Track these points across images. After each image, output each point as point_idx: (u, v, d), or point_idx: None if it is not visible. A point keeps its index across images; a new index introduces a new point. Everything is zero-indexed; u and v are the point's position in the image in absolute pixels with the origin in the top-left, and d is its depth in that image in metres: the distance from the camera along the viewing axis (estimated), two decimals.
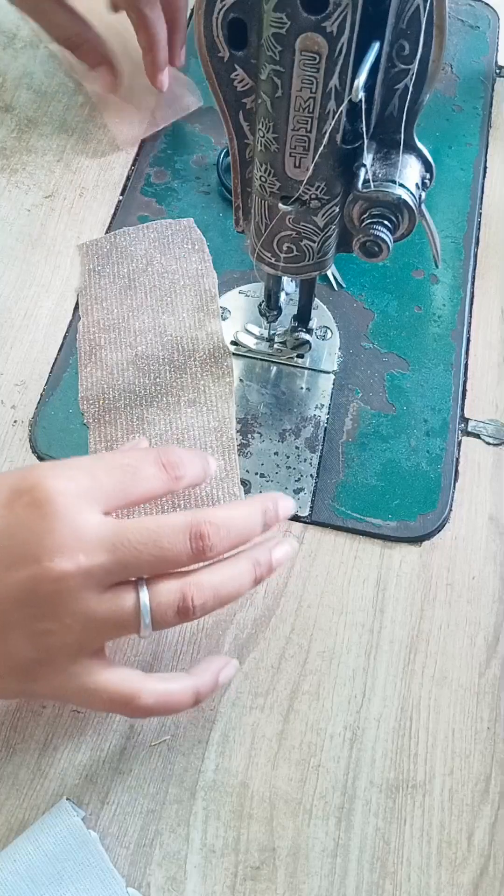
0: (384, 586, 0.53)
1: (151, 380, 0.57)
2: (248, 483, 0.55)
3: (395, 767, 0.48)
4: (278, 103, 0.41)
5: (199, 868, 0.45)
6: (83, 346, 0.59)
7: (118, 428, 0.56)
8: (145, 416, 0.56)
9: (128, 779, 0.47)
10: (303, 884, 0.44)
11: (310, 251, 0.48)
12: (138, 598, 0.41)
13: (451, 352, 0.61)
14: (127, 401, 0.56)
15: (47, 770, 0.46)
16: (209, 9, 0.40)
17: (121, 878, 0.43)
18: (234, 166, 0.47)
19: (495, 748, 0.48)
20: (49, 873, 0.42)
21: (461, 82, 0.76)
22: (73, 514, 0.39)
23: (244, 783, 0.47)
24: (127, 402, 0.56)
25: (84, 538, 0.39)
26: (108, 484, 0.41)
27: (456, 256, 0.66)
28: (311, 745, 0.48)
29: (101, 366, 0.58)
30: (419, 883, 0.45)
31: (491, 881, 0.45)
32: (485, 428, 0.58)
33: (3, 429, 0.56)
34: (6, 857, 0.43)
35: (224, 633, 0.51)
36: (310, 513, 0.54)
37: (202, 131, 0.71)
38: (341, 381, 0.59)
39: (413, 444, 0.57)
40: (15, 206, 0.65)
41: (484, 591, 0.53)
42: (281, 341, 0.59)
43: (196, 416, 0.56)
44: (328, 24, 0.38)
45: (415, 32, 0.39)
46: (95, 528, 0.39)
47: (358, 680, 0.50)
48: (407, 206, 0.43)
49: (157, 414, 0.56)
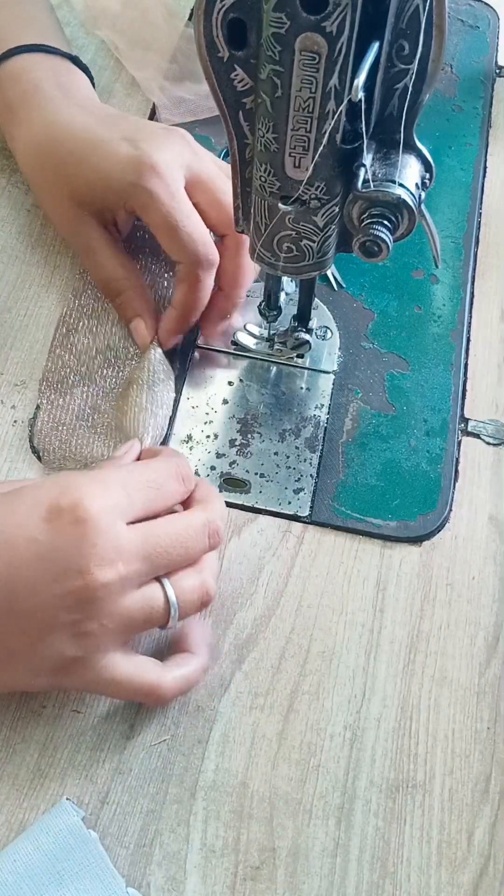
0: (384, 586, 0.53)
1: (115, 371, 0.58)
2: (247, 483, 0.55)
3: (395, 767, 0.48)
4: (278, 103, 0.41)
5: (199, 868, 0.45)
6: (60, 330, 0.59)
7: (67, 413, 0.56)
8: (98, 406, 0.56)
9: (128, 779, 0.47)
10: (303, 884, 0.44)
11: (310, 251, 0.48)
12: (166, 594, 0.45)
13: (451, 352, 0.61)
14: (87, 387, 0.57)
15: (47, 770, 0.46)
16: (209, 9, 0.40)
17: (121, 878, 0.43)
18: (233, 166, 0.47)
19: (495, 748, 0.48)
20: (49, 873, 0.42)
21: (461, 82, 0.76)
22: (111, 528, 0.42)
23: (244, 783, 0.47)
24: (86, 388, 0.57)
25: (122, 549, 0.42)
26: (139, 501, 0.44)
27: (456, 256, 0.66)
28: (311, 745, 0.48)
29: (71, 350, 0.58)
30: (419, 883, 0.45)
31: (491, 881, 0.45)
32: (485, 428, 0.58)
33: (3, 429, 0.56)
34: (6, 857, 0.43)
35: (224, 633, 0.51)
36: (310, 513, 0.54)
37: (202, 131, 0.70)
38: (341, 381, 0.59)
39: (413, 444, 0.57)
40: (15, 206, 0.65)
41: (484, 591, 0.53)
42: (281, 341, 0.59)
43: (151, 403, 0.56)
44: (328, 24, 0.37)
45: (414, 32, 0.39)
46: (131, 539, 0.43)
47: (358, 680, 0.50)
48: (407, 206, 0.43)
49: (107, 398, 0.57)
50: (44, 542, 0.42)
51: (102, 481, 0.44)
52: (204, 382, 0.59)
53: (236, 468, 0.56)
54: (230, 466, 0.56)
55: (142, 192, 0.54)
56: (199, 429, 0.57)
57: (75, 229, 0.59)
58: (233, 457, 0.56)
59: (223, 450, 0.56)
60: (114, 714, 0.48)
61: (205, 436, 0.57)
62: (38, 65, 0.61)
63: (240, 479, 0.55)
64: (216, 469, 0.56)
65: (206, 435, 0.57)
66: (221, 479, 0.55)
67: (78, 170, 0.57)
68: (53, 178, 0.58)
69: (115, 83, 0.72)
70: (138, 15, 0.74)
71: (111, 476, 0.45)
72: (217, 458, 0.56)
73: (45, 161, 0.59)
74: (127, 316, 0.59)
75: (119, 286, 0.59)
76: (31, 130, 0.59)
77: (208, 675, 0.49)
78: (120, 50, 0.73)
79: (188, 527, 0.46)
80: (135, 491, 0.44)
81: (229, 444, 0.57)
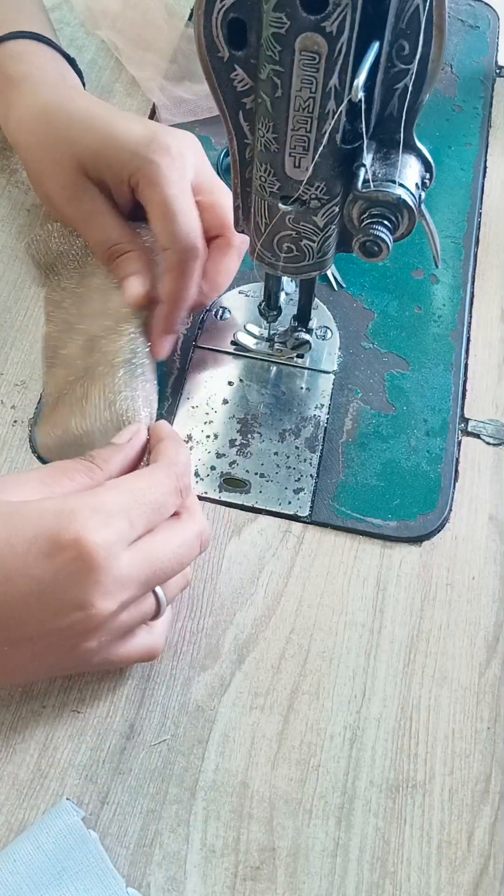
0: (384, 586, 0.53)
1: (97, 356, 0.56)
2: (247, 483, 0.55)
3: (395, 767, 0.48)
4: (278, 103, 0.41)
5: (199, 868, 0.45)
6: (46, 353, 0.58)
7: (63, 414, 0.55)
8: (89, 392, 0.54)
9: (128, 779, 0.47)
10: (303, 884, 0.44)
11: (310, 251, 0.48)
12: (157, 597, 0.46)
13: (451, 352, 0.61)
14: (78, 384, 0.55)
15: (47, 770, 0.46)
16: (209, 9, 0.40)
17: (121, 878, 0.43)
18: (233, 166, 0.47)
19: (495, 748, 0.48)
20: (49, 873, 0.42)
21: (461, 82, 0.76)
22: (113, 562, 0.42)
23: (244, 783, 0.47)
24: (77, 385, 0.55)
25: (124, 580, 0.42)
26: (140, 524, 0.44)
27: (456, 256, 0.66)
28: (311, 745, 0.48)
29: (59, 364, 0.57)
30: (419, 883, 0.45)
31: (491, 881, 0.45)
32: (485, 428, 0.58)
33: (3, 429, 0.56)
34: (6, 857, 0.43)
35: (224, 633, 0.51)
36: (310, 513, 0.54)
37: (202, 131, 0.70)
38: (341, 381, 0.59)
39: (413, 444, 0.57)
40: (15, 206, 0.65)
41: (484, 591, 0.53)
42: (281, 341, 0.59)
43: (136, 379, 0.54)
44: (328, 24, 0.38)
45: (414, 32, 0.39)
46: (132, 568, 0.43)
47: (358, 680, 0.50)
48: (407, 206, 0.43)
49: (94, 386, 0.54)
50: (45, 580, 0.41)
51: (105, 511, 0.42)
52: (204, 382, 0.59)
53: (236, 468, 0.56)
54: (230, 466, 0.56)
55: (152, 167, 0.54)
56: (199, 429, 0.57)
57: (76, 194, 0.57)
58: (233, 457, 0.56)
59: (223, 450, 0.56)
60: (114, 714, 0.48)
61: (205, 436, 0.57)
62: (41, 51, 0.62)
63: (240, 479, 0.55)
64: (216, 469, 0.56)
65: (206, 435, 0.57)
66: (221, 479, 0.55)
67: (84, 135, 0.56)
68: (54, 143, 0.57)
69: (115, 83, 0.72)
70: (138, 15, 0.74)
71: (114, 503, 0.43)
72: (217, 458, 0.56)
73: (47, 127, 0.57)
74: (123, 273, 0.57)
75: (121, 248, 0.57)
76: (35, 98, 0.58)
77: (208, 675, 0.49)
78: (120, 50, 0.73)
79: (183, 544, 0.46)
80: (137, 516, 0.44)
81: (229, 444, 0.57)
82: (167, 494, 0.46)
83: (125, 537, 0.43)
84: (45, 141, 0.58)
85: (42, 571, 0.41)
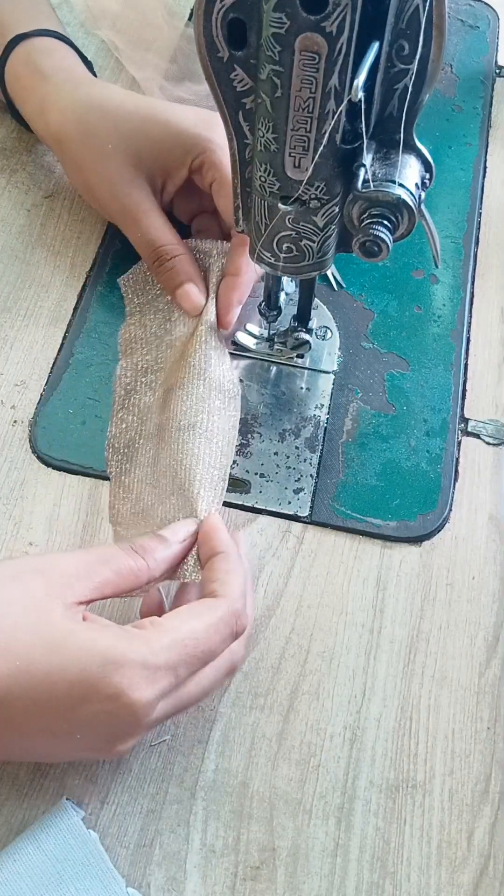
0: (384, 586, 0.53)
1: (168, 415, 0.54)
2: (247, 483, 0.55)
3: (395, 767, 0.48)
4: (278, 103, 0.41)
5: (199, 868, 0.45)
6: (118, 391, 0.57)
7: (134, 478, 0.54)
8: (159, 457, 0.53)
9: (128, 779, 0.47)
10: (303, 884, 0.44)
11: (309, 251, 0.48)
12: None
13: (451, 352, 0.61)
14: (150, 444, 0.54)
15: (47, 770, 0.46)
16: (209, 9, 0.40)
17: (121, 878, 0.43)
18: (233, 166, 0.47)
19: (495, 748, 0.48)
20: (49, 873, 0.42)
21: (461, 82, 0.76)
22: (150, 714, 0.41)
23: (244, 783, 0.47)
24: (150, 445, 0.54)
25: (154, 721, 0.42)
26: (185, 675, 0.42)
27: (456, 256, 0.66)
28: (311, 745, 0.48)
29: (133, 411, 0.56)
30: (419, 883, 0.45)
31: (491, 881, 0.45)
32: (485, 428, 0.58)
33: (3, 429, 0.56)
34: (6, 857, 0.43)
35: None
36: (310, 513, 0.54)
37: None
38: (341, 381, 0.59)
39: (413, 444, 0.57)
40: (15, 206, 0.65)
41: (484, 591, 0.53)
42: (281, 341, 0.59)
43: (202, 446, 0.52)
44: (328, 24, 0.38)
45: (414, 32, 0.39)
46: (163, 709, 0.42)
47: (358, 680, 0.50)
48: (406, 206, 0.43)
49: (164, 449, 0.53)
50: (80, 721, 0.40)
51: (153, 667, 0.40)
52: None
53: (236, 468, 0.56)
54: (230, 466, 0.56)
55: (215, 145, 0.55)
56: None
57: (126, 191, 0.57)
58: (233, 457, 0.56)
59: None
60: None
61: None
62: (65, 49, 0.63)
63: (240, 479, 0.55)
64: None
65: None
66: None
67: (144, 125, 0.56)
68: (105, 136, 0.57)
69: (116, 83, 0.72)
70: (138, 15, 0.74)
71: (165, 660, 0.41)
72: None
73: (96, 120, 0.57)
74: (177, 281, 0.57)
75: (171, 251, 0.57)
76: (75, 92, 0.59)
77: None
78: (120, 50, 0.73)
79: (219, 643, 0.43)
80: (185, 670, 0.42)
81: None
82: (221, 643, 0.43)
83: (167, 692, 0.41)
84: (94, 133, 0.58)
85: (78, 712, 0.40)
